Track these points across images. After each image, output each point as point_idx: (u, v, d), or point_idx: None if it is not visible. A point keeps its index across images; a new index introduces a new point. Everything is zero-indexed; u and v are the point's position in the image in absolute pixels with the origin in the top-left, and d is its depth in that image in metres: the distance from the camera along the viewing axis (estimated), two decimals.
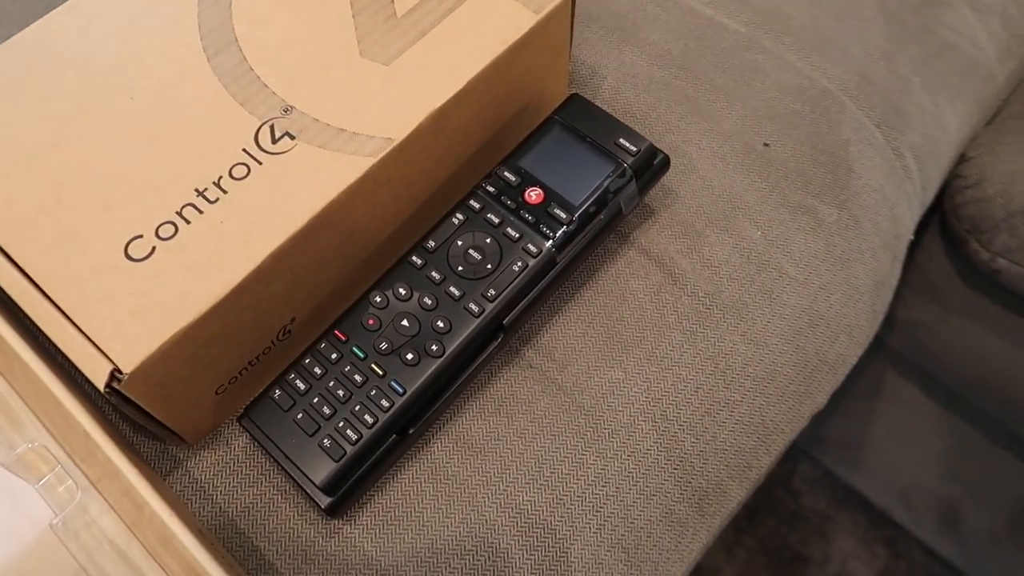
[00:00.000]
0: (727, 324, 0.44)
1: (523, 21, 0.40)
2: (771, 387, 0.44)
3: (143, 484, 0.31)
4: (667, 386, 0.42)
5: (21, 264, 0.34)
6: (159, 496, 0.31)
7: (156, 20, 0.40)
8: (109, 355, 0.32)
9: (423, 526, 0.38)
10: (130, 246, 0.34)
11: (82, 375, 0.33)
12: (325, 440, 0.35)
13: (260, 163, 0.36)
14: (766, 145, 0.48)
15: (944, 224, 0.57)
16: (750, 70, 0.51)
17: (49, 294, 0.33)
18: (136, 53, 0.39)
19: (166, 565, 0.33)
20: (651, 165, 0.42)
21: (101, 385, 0.31)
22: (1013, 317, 0.56)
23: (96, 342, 0.32)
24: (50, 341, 0.33)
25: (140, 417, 0.35)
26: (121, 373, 0.32)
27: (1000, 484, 0.72)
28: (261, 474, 0.38)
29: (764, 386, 0.43)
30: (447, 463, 0.39)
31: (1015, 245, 0.52)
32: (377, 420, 0.35)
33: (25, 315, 0.34)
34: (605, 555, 0.38)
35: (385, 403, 0.35)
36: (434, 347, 0.36)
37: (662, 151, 0.42)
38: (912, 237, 0.53)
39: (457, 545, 0.37)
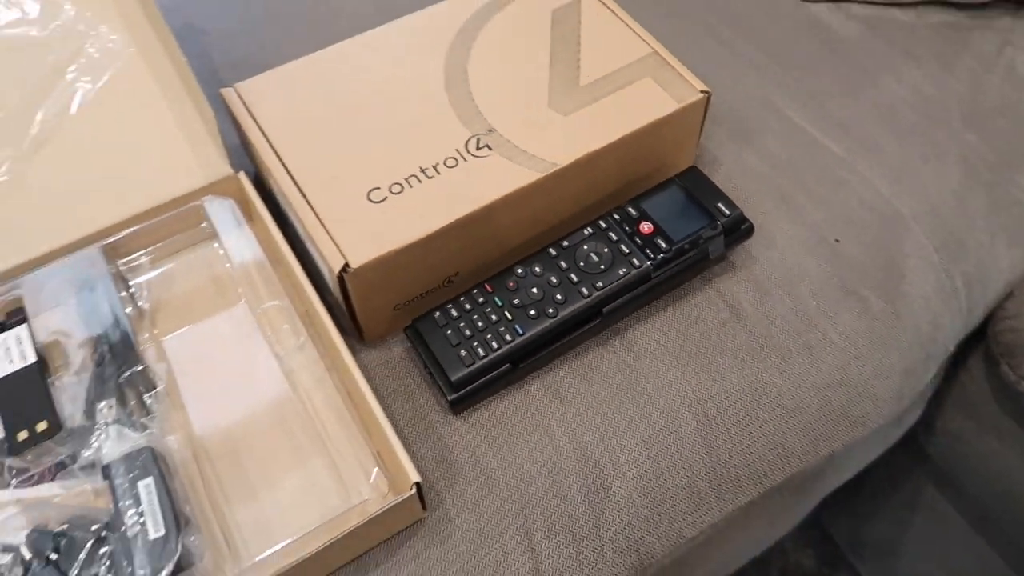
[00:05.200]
0: (771, 362, 0.56)
1: (667, 107, 0.56)
2: (796, 420, 0.55)
3: (344, 347, 0.47)
4: (713, 393, 0.54)
5: (304, 190, 0.51)
6: (352, 357, 0.47)
7: (417, 56, 0.58)
8: (345, 255, 0.48)
9: (509, 437, 0.52)
10: (371, 193, 0.51)
11: (318, 275, 0.49)
12: (462, 351, 0.50)
13: (465, 160, 0.53)
14: (837, 241, 0.61)
15: (986, 348, 0.67)
16: (839, 183, 0.64)
17: (317, 212, 0.51)
18: (398, 75, 0.57)
19: (348, 406, 0.49)
20: (739, 228, 0.56)
21: (337, 271, 0.48)
22: None
23: (339, 246, 0.49)
24: (312, 241, 0.50)
25: (344, 307, 0.51)
26: (349, 267, 0.48)
27: None
28: (408, 374, 0.54)
29: (790, 417, 0.55)
30: (537, 400, 0.53)
31: None
32: (500, 348, 0.50)
33: (297, 224, 0.51)
34: (637, 498, 0.51)
35: (508, 337, 0.50)
36: (550, 311, 0.51)
37: (749, 220, 0.56)
38: (952, 349, 0.64)
39: (529, 457, 0.51)
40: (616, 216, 0.55)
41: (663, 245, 0.53)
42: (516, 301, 0.52)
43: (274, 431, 0.48)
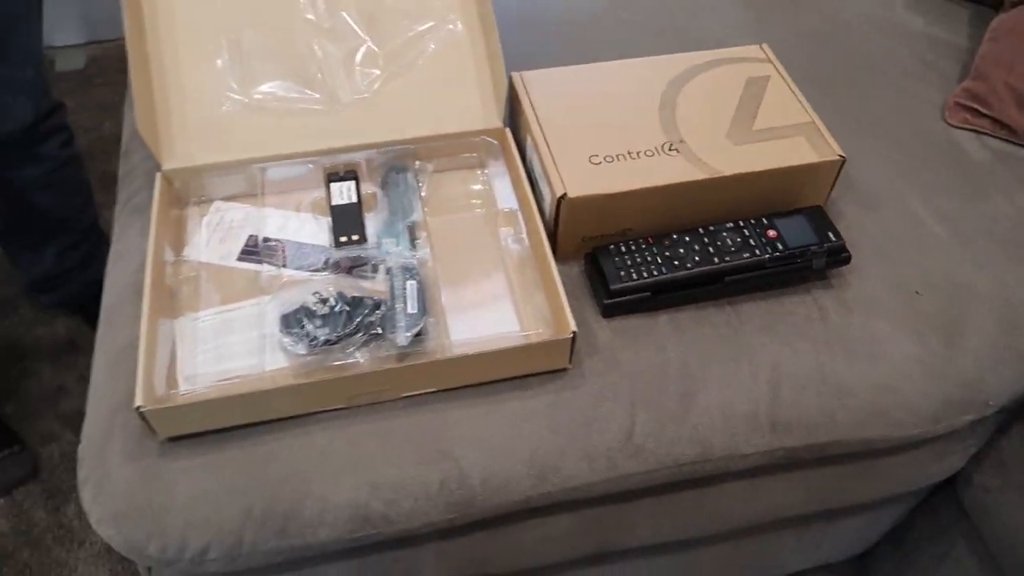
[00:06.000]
0: (839, 356, 0.75)
1: (809, 158, 0.77)
2: (846, 401, 0.74)
3: (546, 243, 0.72)
4: (789, 360, 0.74)
5: (549, 145, 0.77)
6: (548, 250, 0.72)
7: (647, 83, 0.83)
8: (566, 187, 0.73)
9: (636, 341, 0.74)
10: (591, 158, 0.76)
11: (541, 208, 0.75)
12: (621, 272, 0.73)
13: (659, 155, 0.77)
14: (918, 293, 0.80)
15: None
16: (933, 256, 0.83)
17: (555, 160, 0.76)
18: (631, 92, 0.83)
19: (538, 279, 0.73)
20: (839, 255, 0.76)
21: (557, 196, 0.73)
22: None
23: (564, 181, 0.74)
24: (545, 177, 0.76)
25: (553, 228, 0.76)
26: (566, 196, 0.73)
27: None
28: (580, 287, 0.77)
29: (843, 396, 0.74)
30: (662, 326, 0.75)
31: None
32: (647, 278, 0.73)
33: (538, 167, 0.77)
34: (712, 410, 0.71)
35: (655, 273, 0.73)
36: (688, 265, 0.74)
37: (848, 251, 0.77)
38: (993, 405, 0.79)
39: (646, 358, 0.73)
40: (752, 221, 0.77)
41: (780, 247, 0.75)
42: (666, 254, 0.75)
43: (486, 281, 0.74)
